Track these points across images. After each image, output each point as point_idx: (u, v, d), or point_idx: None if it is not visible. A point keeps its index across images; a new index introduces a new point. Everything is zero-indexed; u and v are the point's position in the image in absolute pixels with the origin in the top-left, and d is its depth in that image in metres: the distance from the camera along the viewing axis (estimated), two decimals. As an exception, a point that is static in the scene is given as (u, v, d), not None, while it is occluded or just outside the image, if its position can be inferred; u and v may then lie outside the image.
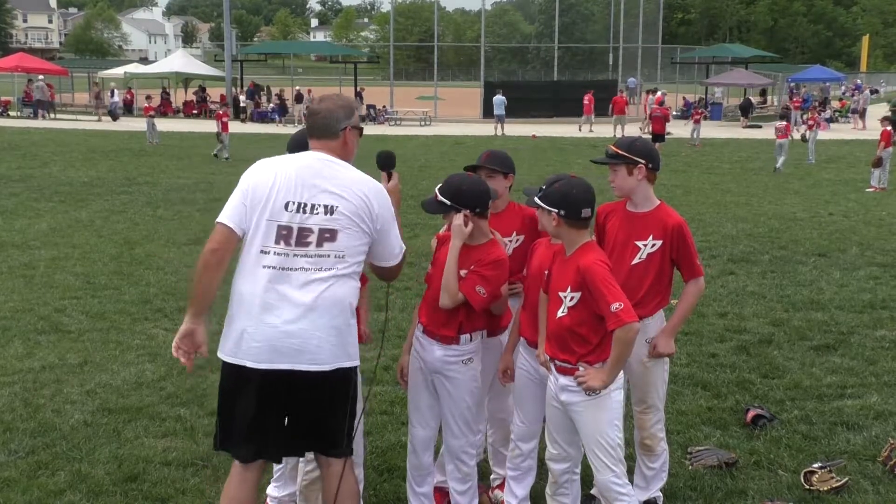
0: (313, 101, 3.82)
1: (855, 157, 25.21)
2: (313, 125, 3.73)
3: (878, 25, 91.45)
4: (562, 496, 4.11)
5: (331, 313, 3.53)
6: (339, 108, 3.73)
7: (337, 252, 3.56)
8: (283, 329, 3.49)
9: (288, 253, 3.53)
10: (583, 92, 38.07)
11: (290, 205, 3.56)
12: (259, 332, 3.51)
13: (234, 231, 3.59)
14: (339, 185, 3.59)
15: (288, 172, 3.62)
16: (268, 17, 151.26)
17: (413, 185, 16.66)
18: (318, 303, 3.51)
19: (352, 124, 3.75)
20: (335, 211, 3.56)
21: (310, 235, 3.54)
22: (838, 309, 8.63)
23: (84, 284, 9.31)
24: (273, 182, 3.59)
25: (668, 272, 4.35)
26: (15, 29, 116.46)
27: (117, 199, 15.69)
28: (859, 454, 5.23)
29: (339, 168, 3.66)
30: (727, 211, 15.19)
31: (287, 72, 61.18)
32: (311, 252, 3.53)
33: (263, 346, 3.50)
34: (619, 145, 4.33)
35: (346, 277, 3.59)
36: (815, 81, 51.74)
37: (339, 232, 3.56)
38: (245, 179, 3.69)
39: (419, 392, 4.30)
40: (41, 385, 6.30)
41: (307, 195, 3.57)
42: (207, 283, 3.59)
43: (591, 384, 3.76)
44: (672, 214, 4.34)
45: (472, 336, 4.18)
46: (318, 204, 3.56)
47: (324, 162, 3.65)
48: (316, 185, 3.58)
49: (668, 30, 66.12)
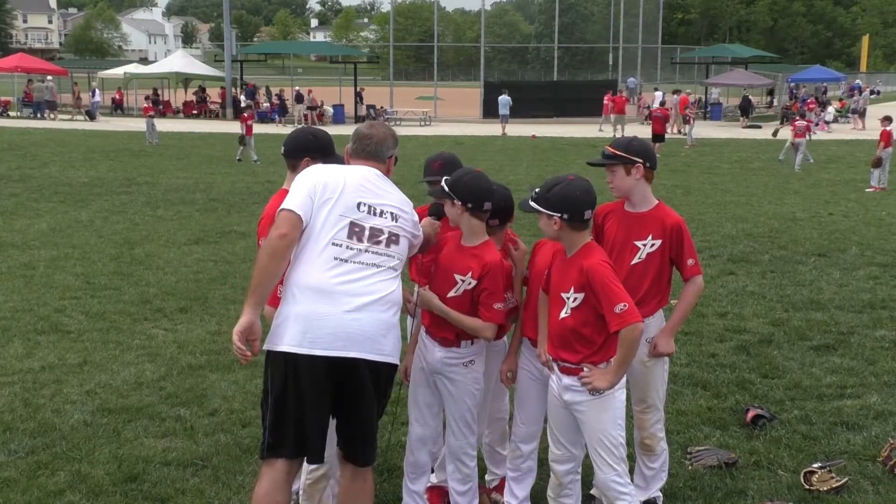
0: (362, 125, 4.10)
1: (855, 158, 25.21)
2: (365, 149, 3.95)
3: (877, 25, 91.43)
4: (565, 497, 4.11)
5: (392, 310, 3.73)
6: (389, 136, 4.02)
7: (399, 254, 3.82)
8: (353, 317, 3.58)
9: (361, 248, 3.69)
10: (582, 92, 38.05)
11: (362, 205, 3.75)
12: (330, 319, 3.55)
13: (302, 220, 3.65)
14: (397, 199, 3.89)
15: (356, 177, 3.82)
16: (268, 18, 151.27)
17: (413, 186, 16.30)
18: (385, 298, 3.68)
19: (396, 153, 4.04)
20: (399, 219, 3.83)
21: (380, 235, 3.75)
22: (838, 309, 8.63)
23: (84, 284, 9.31)
24: (344, 182, 3.76)
25: (668, 271, 4.35)
26: (15, 29, 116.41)
27: (117, 199, 15.69)
28: (859, 454, 5.23)
29: (392, 185, 3.95)
30: (727, 211, 15.19)
31: (287, 72, 61.22)
32: (382, 251, 3.74)
33: (335, 333, 3.55)
34: (616, 146, 4.32)
35: (399, 279, 3.83)
36: (814, 82, 51.76)
37: (401, 237, 3.83)
38: (310, 177, 3.79)
39: (419, 390, 4.32)
40: (41, 385, 6.30)
41: (375, 200, 3.79)
42: (273, 270, 3.59)
43: (596, 385, 3.77)
44: (671, 214, 4.34)
45: (474, 340, 4.18)
46: (386, 210, 3.81)
47: (381, 177, 3.91)
48: (381, 195, 3.83)
49: (667, 30, 66.16)
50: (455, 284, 4.08)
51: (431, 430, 4.34)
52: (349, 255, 3.66)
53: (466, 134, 34.07)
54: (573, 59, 78.63)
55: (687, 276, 4.35)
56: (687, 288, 4.38)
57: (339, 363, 3.55)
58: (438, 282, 4.15)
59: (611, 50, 52.29)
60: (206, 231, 12.52)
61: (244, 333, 3.55)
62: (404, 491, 4.40)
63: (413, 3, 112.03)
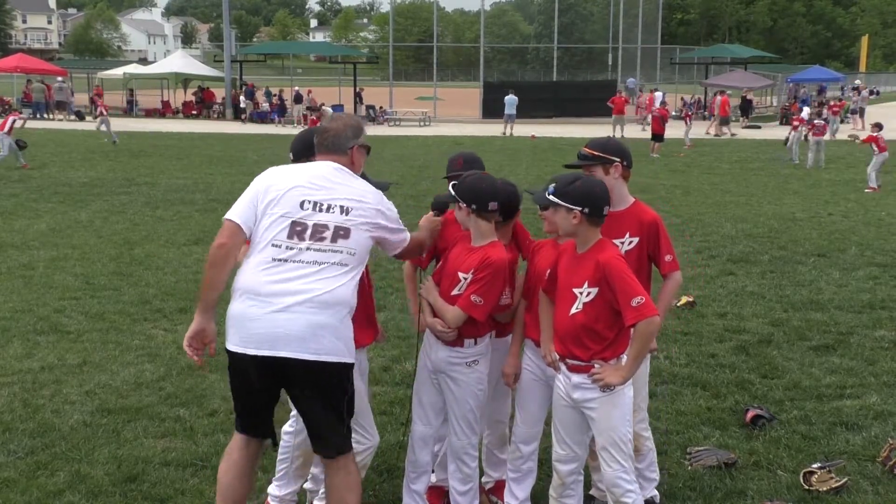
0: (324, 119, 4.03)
1: (854, 158, 25.20)
2: (323, 143, 3.96)
3: (877, 26, 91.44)
4: (567, 497, 4.11)
5: (333, 308, 3.66)
6: (348, 127, 4.00)
7: (349, 249, 3.74)
8: (284, 317, 3.59)
9: (301, 247, 3.68)
10: (582, 92, 38.01)
11: (307, 203, 3.74)
12: (261, 320, 3.61)
13: (242, 228, 3.74)
14: (354, 191, 3.83)
15: (305, 175, 3.83)
16: (267, 18, 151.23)
17: (412, 186, 16.61)
18: (321, 297, 3.63)
19: (359, 143, 3.99)
20: (350, 212, 3.77)
21: (325, 231, 3.71)
22: (837, 309, 8.63)
23: (83, 285, 9.31)
24: (289, 182, 3.78)
25: (647, 268, 4.35)
26: (14, 30, 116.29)
27: (117, 199, 15.68)
28: (858, 454, 5.23)
29: (351, 177, 3.90)
30: (727, 211, 15.19)
31: (286, 72, 61.18)
32: (326, 247, 3.70)
33: (265, 333, 3.60)
34: (593, 146, 4.32)
35: (352, 274, 3.75)
36: (814, 82, 51.76)
37: (353, 231, 3.76)
38: (258, 182, 3.85)
39: (424, 388, 4.33)
40: (40, 385, 6.30)
41: (324, 196, 3.77)
42: (214, 278, 3.73)
43: (609, 381, 3.77)
44: (647, 211, 4.35)
45: (477, 340, 4.19)
46: (335, 204, 3.76)
47: (338, 170, 3.88)
48: (332, 189, 3.80)
49: (667, 30, 66.09)
50: (458, 283, 4.11)
51: (434, 430, 4.35)
52: (289, 255, 3.68)
53: (466, 134, 34.06)
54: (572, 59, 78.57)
55: (665, 272, 4.34)
56: (666, 284, 4.38)
57: (270, 362, 3.63)
58: (446, 281, 4.18)
59: (610, 50, 52.25)
60: (205, 231, 12.50)
61: (193, 339, 3.80)
62: (404, 490, 4.40)
63: (412, 3, 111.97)
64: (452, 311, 4.07)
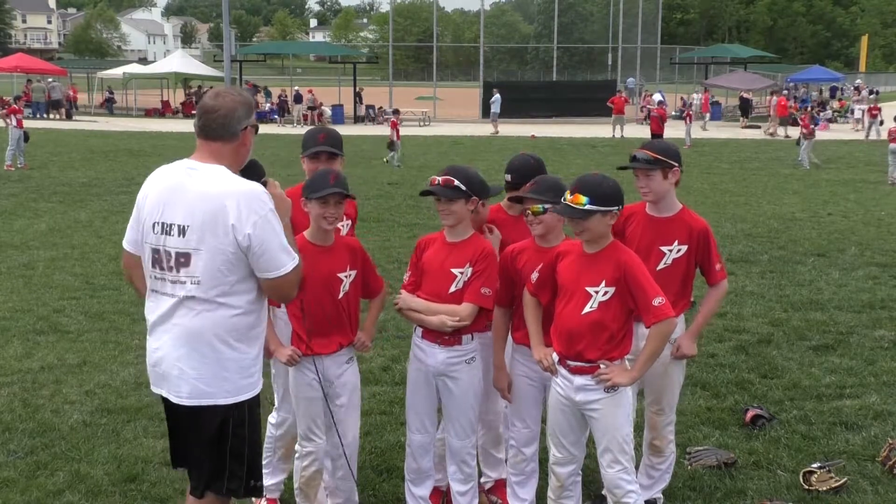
0: (206, 96, 3.38)
1: (854, 158, 25.20)
2: (209, 125, 3.30)
3: (876, 26, 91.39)
4: (566, 499, 4.11)
5: (191, 345, 3.23)
6: (240, 104, 3.33)
7: (192, 278, 3.20)
8: (157, 355, 3.34)
9: (163, 277, 3.28)
10: (582, 92, 38.01)
11: (156, 226, 3.27)
12: (150, 356, 3.40)
13: (132, 253, 3.43)
14: (194, 199, 3.20)
15: (157, 188, 3.33)
16: (267, 18, 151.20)
17: (412, 186, 16.46)
18: (179, 332, 3.25)
19: (251, 123, 3.38)
20: (186, 232, 3.19)
21: (170, 259, 3.23)
22: (837, 309, 8.63)
23: (83, 285, 9.31)
24: (144, 201, 3.35)
25: (692, 275, 4.32)
26: (14, 29, 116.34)
27: (116, 199, 15.66)
28: (858, 454, 5.23)
29: (200, 177, 3.24)
30: (726, 211, 15.19)
31: (286, 72, 61.21)
32: (174, 278, 3.24)
33: (151, 369, 3.41)
34: (655, 149, 4.26)
35: (210, 304, 3.21)
36: (814, 82, 51.74)
37: (192, 255, 3.19)
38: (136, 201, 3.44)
39: (418, 395, 4.29)
40: (40, 385, 6.30)
41: (168, 214, 3.24)
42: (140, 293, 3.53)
43: (617, 381, 3.76)
44: (697, 219, 4.31)
45: (474, 335, 4.18)
46: (174, 224, 3.21)
47: (188, 172, 3.29)
48: (175, 202, 3.23)
49: (666, 30, 66.05)
50: (454, 279, 4.07)
51: (432, 437, 4.35)
52: (158, 286, 3.30)
53: (465, 134, 34.04)
54: (572, 59, 78.47)
55: (712, 281, 4.33)
56: (711, 292, 4.37)
57: (163, 398, 3.41)
58: (433, 283, 4.12)
59: (610, 50, 52.21)
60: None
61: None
62: (407, 495, 4.38)
63: (412, 3, 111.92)
64: (465, 308, 4.03)
